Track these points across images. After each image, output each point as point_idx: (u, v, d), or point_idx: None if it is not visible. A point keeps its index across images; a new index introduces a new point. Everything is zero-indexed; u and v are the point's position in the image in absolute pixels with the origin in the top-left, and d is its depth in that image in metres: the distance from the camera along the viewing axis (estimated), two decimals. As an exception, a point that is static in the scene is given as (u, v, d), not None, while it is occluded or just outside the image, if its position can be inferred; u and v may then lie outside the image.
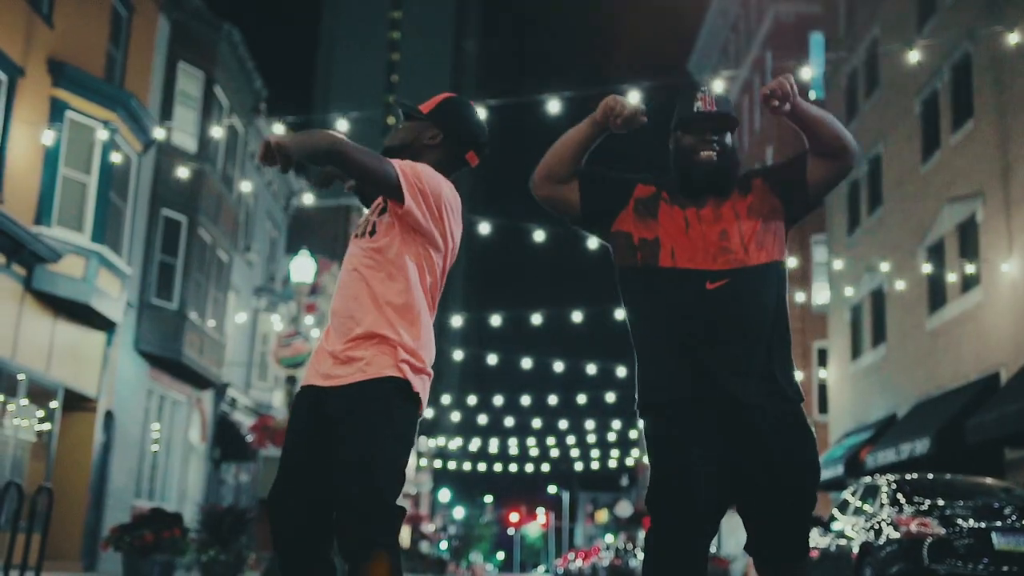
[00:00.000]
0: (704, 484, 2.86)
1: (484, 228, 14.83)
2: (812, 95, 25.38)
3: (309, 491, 2.93)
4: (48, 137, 13.95)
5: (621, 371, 24.93)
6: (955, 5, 18.27)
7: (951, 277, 17.39)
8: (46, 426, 14.96)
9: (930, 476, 10.37)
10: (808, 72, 11.64)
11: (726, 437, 2.90)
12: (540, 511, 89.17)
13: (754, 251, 2.97)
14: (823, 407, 26.25)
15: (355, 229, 3.19)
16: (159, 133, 15.54)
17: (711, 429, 2.90)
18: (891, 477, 10.18)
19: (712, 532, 2.91)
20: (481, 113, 11.43)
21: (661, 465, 2.94)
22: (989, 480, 10.62)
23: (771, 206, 3.03)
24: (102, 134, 14.90)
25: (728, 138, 3.05)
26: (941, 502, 8.99)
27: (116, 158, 15.38)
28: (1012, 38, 10.52)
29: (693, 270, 2.95)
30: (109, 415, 17.14)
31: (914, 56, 10.74)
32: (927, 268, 17.67)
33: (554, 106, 10.55)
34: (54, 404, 15.13)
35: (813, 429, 3.06)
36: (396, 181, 2.92)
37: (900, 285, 18.49)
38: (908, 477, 10.13)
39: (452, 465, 55.56)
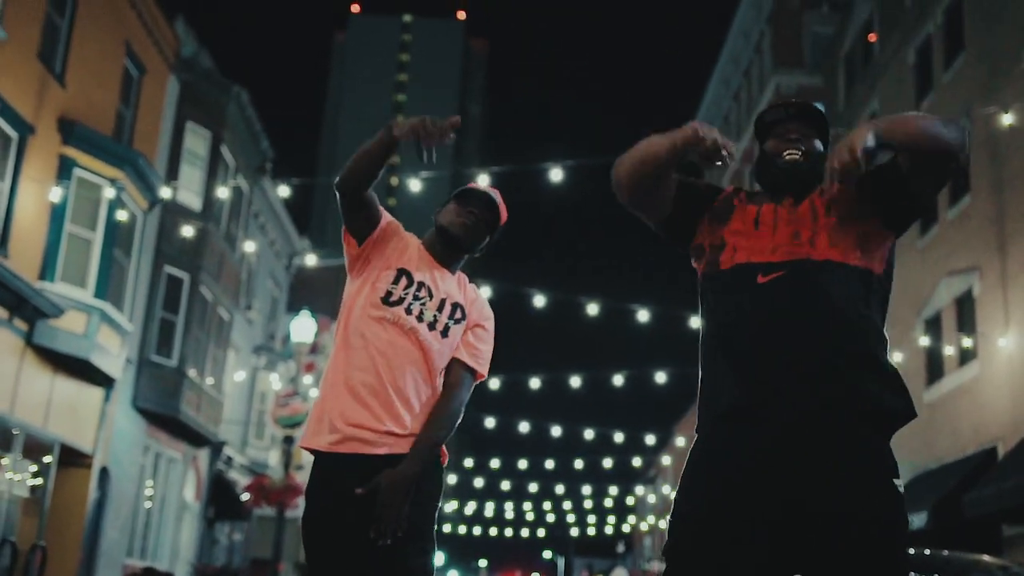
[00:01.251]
0: (738, 543, 2.41)
1: (483, 292, 14.87)
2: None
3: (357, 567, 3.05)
4: (55, 194, 14.13)
5: (619, 437, 24.89)
6: (952, 83, 18.58)
7: (948, 350, 17.44)
8: (39, 481, 14.91)
9: (927, 552, 10.31)
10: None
11: (780, 467, 2.44)
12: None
13: (822, 246, 2.59)
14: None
15: (402, 300, 3.25)
16: (165, 192, 15.69)
17: (759, 458, 2.45)
18: (887, 552, 10.11)
19: None
20: (484, 179, 11.46)
21: (685, 520, 2.52)
22: (986, 557, 10.55)
23: (858, 207, 2.65)
24: (109, 192, 15.06)
25: (816, 143, 2.75)
26: (937, 579, 8.94)
27: (122, 216, 15.51)
28: (1006, 119, 10.72)
29: (749, 264, 2.61)
30: (104, 471, 17.07)
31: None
32: (925, 341, 17.73)
33: (556, 174, 10.74)
34: (48, 459, 15.08)
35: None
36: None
37: (898, 357, 18.49)
38: (904, 552, 10.06)
39: (447, 528, 54.99)
